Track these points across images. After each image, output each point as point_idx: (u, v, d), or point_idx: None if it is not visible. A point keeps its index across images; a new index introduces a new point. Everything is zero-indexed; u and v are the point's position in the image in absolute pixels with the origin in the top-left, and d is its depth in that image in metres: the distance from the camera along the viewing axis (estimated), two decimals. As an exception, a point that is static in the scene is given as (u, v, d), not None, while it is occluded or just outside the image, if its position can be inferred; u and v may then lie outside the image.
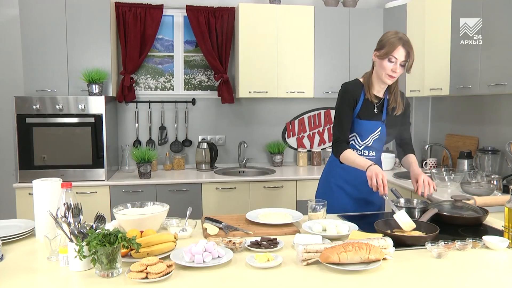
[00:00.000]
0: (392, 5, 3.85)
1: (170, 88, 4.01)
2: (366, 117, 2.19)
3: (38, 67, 3.38)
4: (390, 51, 2.05)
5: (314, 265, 1.48)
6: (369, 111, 2.20)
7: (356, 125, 2.20)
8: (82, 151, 3.32)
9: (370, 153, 2.25)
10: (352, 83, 2.25)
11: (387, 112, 2.23)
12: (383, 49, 2.08)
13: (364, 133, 2.21)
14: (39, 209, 1.74)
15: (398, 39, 2.06)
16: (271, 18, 3.70)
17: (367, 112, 2.19)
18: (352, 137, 2.23)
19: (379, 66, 2.11)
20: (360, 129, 2.21)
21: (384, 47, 2.08)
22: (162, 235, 1.60)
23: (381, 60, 2.09)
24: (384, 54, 2.07)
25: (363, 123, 2.19)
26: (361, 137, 2.22)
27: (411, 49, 2.06)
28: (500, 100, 3.13)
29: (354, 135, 2.22)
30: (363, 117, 2.19)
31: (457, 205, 2.05)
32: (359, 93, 2.19)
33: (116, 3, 3.67)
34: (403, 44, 2.05)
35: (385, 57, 2.06)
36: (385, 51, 2.06)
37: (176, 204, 2.66)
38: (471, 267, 1.50)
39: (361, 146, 2.23)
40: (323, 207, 2.00)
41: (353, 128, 2.21)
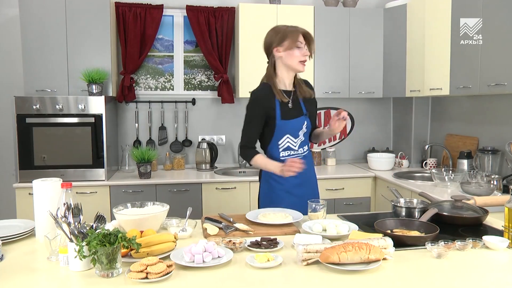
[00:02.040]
0: (392, 5, 3.85)
1: (170, 88, 4.01)
2: (290, 117, 2.18)
3: (38, 67, 3.38)
4: (295, 38, 2.10)
5: (314, 265, 1.48)
6: (288, 109, 2.19)
7: (284, 126, 2.18)
8: (82, 151, 3.32)
9: (305, 148, 2.27)
10: (263, 89, 2.21)
11: (304, 103, 2.25)
12: (285, 41, 2.11)
13: (294, 131, 2.20)
14: (39, 209, 1.74)
15: (294, 27, 2.14)
16: (271, 18, 3.69)
17: (288, 112, 2.18)
18: (285, 140, 2.20)
19: (289, 57, 2.12)
20: (290, 129, 2.19)
21: (286, 38, 2.11)
22: (162, 235, 1.60)
23: (289, 51, 2.11)
24: (291, 44, 2.10)
25: (290, 123, 2.18)
26: (294, 136, 2.21)
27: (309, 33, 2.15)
28: (500, 100, 3.13)
29: (287, 136, 2.20)
30: (287, 117, 2.17)
31: (457, 205, 2.05)
32: (272, 96, 2.17)
33: (116, 3, 3.67)
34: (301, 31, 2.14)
35: (293, 46, 2.10)
36: (290, 41, 2.10)
37: (176, 204, 2.67)
38: (471, 267, 1.50)
39: (296, 144, 2.23)
40: (323, 207, 2.01)
41: (283, 129, 2.18)
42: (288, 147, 2.21)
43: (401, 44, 3.73)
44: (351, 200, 3.64)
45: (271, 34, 2.17)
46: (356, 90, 3.91)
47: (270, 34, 2.18)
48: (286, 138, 2.20)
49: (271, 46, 2.16)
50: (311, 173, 2.34)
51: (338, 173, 3.73)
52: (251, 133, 2.21)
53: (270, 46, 2.17)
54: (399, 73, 3.78)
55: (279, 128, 2.17)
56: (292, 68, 2.17)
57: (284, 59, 2.14)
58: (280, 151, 2.22)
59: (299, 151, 2.25)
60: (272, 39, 2.15)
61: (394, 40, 3.82)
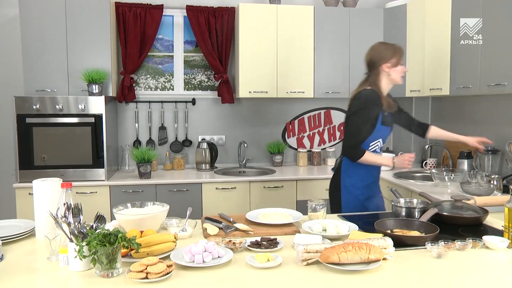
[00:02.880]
0: (392, 5, 3.85)
1: (170, 88, 4.01)
2: (387, 124, 2.42)
3: (38, 67, 3.38)
4: (401, 56, 2.41)
5: (314, 265, 1.48)
6: (386, 117, 2.42)
7: (381, 131, 2.40)
8: (82, 151, 3.32)
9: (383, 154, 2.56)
10: (373, 94, 2.38)
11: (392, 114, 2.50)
12: (394, 59, 2.38)
13: (384, 137, 2.47)
14: (39, 209, 1.74)
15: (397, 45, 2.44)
16: (271, 18, 3.70)
17: (386, 119, 2.41)
18: (376, 143, 2.42)
19: (395, 72, 2.39)
20: (383, 135, 2.45)
21: (394, 56, 2.38)
22: (162, 235, 1.60)
23: (395, 67, 2.38)
24: (397, 62, 2.39)
25: (385, 129, 2.43)
26: (383, 141, 2.47)
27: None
28: (500, 100, 3.13)
29: (379, 141, 2.43)
30: (386, 124, 2.41)
31: (457, 205, 2.05)
32: (379, 102, 2.37)
33: (116, 3, 3.67)
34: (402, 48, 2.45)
35: (398, 64, 2.39)
36: (398, 59, 2.39)
37: (176, 204, 2.66)
38: (471, 267, 1.50)
39: (380, 149, 2.48)
40: (323, 207, 2.01)
41: (378, 134, 2.40)
42: (375, 150, 2.43)
43: (401, 44, 3.70)
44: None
45: (381, 50, 2.41)
46: (356, 90, 3.90)
47: (380, 49, 2.42)
48: (377, 141, 2.42)
49: (380, 61, 2.38)
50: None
51: (338, 173, 3.72)
52: (364, 133, 2.36)
53: (379, 61, 2.39)
54: (399, 73, 3.77)
55: (377, 131, 2.38)
56: (394, 82, 2.43)
57: (391, 74, 2.40)
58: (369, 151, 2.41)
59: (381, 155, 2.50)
60: (382, 55, 2.39)
61: (394, 40, 3.78)
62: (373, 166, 2.43)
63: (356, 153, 2.35)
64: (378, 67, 2.39)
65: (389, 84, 2.45)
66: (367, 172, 2.45)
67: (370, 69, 2.43)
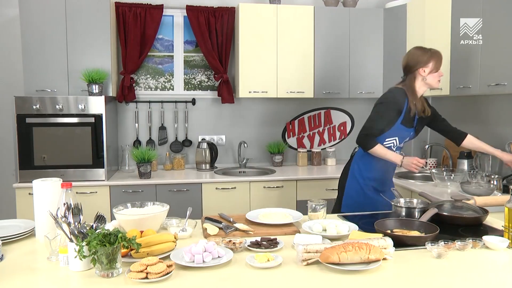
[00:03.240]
0: (392, 5, 3.85)
1: (170, 88, 4.01)
2: (407, 125, 2.46)
3: (38, 67, 3.38)
4: (439, 61, 2.43)
5: (314, 265, 1.48)
6: (409, 119, 2.46)
7: (398, 130, 2.45)
8: (82, 151, 3.32)
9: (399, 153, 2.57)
10: (401, 93, 2.44)
11: (418, 118, 2.52)
12: (431, 64, 2.41)
13: (402, 138, 2.50)
14: (39, 209, 1.74)
15: (435, 50, 2.45)
16: (271, 18, 3.70)
17: (408, 120, 2.45)
18: (392, 140, 2.48)
19: (431, 77, 2.43)
20: (400, 134, 2.48)
21: (431, 61, 2.42)
22: (162, 235, 1.60)
23: (432, 72, 2.42)
24: (435, 68, 2.42)
25: (404, 130, 2.46)
26: (399, 141, 2.51)
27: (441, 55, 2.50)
28: (500, 100, 3.13)
29: (395, 139, 2.48)
30: (406, 125, 2.45)
31: (457, 205, 2.05)
32: (404, 101, 2.42)
33: (116, 3, 3.67)
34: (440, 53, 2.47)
35: (436, 68, 2.42)
36: (436, 65, 2.42)
37: (176, 204, 2.67)
38: (471, 267, 1.50)
39: (396, 148, 2.52)
40: (323, 207, 2.01)
41: (395, 132, 2.45)
42: (389, 147, 2.48)
43: (401, 44, 3.73)
44: (351, 200, 3.64)
45: (418, 55, 2.44)
46: (356, 90, 3.91)
47: (417, 54, 2.45)
48: (393, 139, 2.47)
49: (416, 65, 2.43)
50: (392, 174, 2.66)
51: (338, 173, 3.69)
52: (379, 126, 2.42)
53: (415, 65, 2.43)
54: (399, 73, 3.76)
55: (395, 128, 2.43)
56: (431, 86, 2.48)
57: (427, 79, 2.44)
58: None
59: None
60: (419, 59, 2.43)
61: (394, 40, 3.81)
62: (385, 162, 2.47)
63: (369, 142, 2.41)
64: (414, 71, 2.44)
65: (423, 88, 2.48)
66: (377, 165, 2.50)
67: (406, 73, 2.49)
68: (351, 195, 2.55)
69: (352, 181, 2.56)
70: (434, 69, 2.42)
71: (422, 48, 2.48)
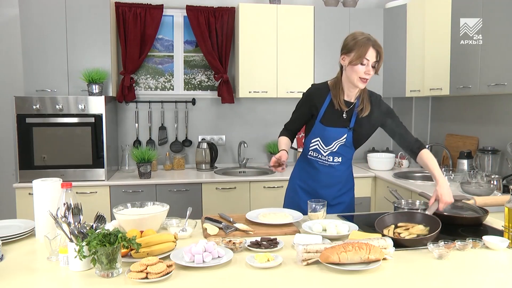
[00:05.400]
0: (392, 5, 3.85)
1: (170, 88, 4.01)
2: (330, 124, 2.13)
3: (38, 67, 3.38)
4: (363, 53, 1.97)
5: (314, 265, 1.48)
6: (334, 117, 2.13)
7: (319, 130, 2.16)
8: (82, 151, 3.32)
9: (335, 159, 2.19)
10: (320, 88, 2.19)
11: (357, 117, 2.14)
12: (352, 52, 1.99)
13: (328, 139, 2.15)
14: (39, 209, 1.74)
15: (367, 39, 1.98)
16: (271, 18, 3.70)
17: (331, 118, 2.13)
18: (316, 142, 2.18)
19: (351, 70, 2.02)
20: (324, 135, 2.15)
21: (353, 50, 1.99)
22: (162, 235, 1.60)
23: (352, 65, 2.00)
24: (356, 58, 1.98)
25: (327, 130, 2.14)
26: (325, 143, 2.16)
27: (380, 49, 2.01)
28: (500, 100, 3.13)
29: (318, 139, 2.18)
30: (327, 124, 2.13)
31: (457, 205, 2.05)
32: (324, 98, 2.14)
33: (116, 3, 3.67)
34: (373, 45, 1.99)
35: (358, 62, 1.98)
36: (357, 55, 1.97)
37: (176, 204, 2.67)
38: (471, 267, 1.50)
39: (326, 151, 2.18)
40: (323, 207, 2.01)
41: (316, 132, 2.18)
42: (316, 149, 2.20)
43: (401, 44, 3.73)
44: (351, 200, 3.64)
45: (346, 39, 2.07)
46: (356, 90, 3.91)
47: (347, 38, 2.07)
48: (317, 140, 2.18)
49: (342, 51, 2.08)
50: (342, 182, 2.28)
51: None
52: (293, 119, 2.29)
53: (341, 51, 2.08)
54: (399, 73, 3.78)
55: (316, 128, 2.18)
56: (352, 83, 2.07)
57: (347, 71, 2.06)
58: (309, 149, 2.23)
59: (327, 159, 2.20)
60: (344, 43, 2.06)
61: (394, 40, 3.81)
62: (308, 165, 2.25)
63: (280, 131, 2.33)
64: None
65: (349, 84, 2.09)
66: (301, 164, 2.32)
67: None
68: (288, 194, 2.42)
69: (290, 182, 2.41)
70: (356, 59, 1.97)
71: (355, 34, 2.04)
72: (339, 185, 2.27)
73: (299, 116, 2.26)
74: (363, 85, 2.06)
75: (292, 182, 2.39)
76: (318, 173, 2.22)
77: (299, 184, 2.32)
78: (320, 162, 2.21)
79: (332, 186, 2.24)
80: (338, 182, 2.26)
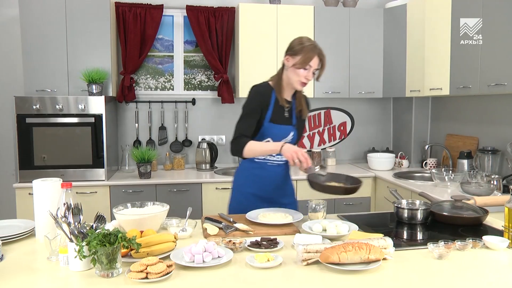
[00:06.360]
0: (392, 5, 3.85)
1: (170, 88, 4.01)
2: (279, 122, 2.16)
3: (38, 67, 3.38)
4: (307, 60, 2.05)
5: (314, 265, 1.48)
6: (280, 115, 2.17)
7: (269, 129, 2.15)
8: (82, 151, 3.32)
9: (283, 157, 2.17)
10: (264, 86, 2.19)
11: (296, 116, 2.23)
12: (298, 56, 2.07)
13: (277, 137, 2.16)
14: (39, 209, 1.74)
15: (313, 47, 2.07)
16: (271, 18, 3.70)
17: (278, 116, 2.16)
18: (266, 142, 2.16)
19: (293, 72, 2.10)
20: (274, 134, 2.16)
21: (299, 54, 2.06)
22: (162, 235, 1.60)
23: (296, 68, 2.08)
24: (300, 63, 2.05)
25: (276, 128, 2.16)
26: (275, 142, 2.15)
27: (324, 58, 2.11)
28: (500, 100, 3.13)
29: (268, 140, 2.16)
30: (276, 122, 2.15)
31: (457, 205, 2.05)
32: (270, 97, 2.16)
33: (116, 3, 3.67)
34: (318, 54, 2.08)
35: (301, 67, 2.06)
36: (302, 60, 2.05)
37: (176, 204, 2.67)
38: (471, 267, 1.50)
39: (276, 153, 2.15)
40: (323, 207, 2.01)
41: (266, 132, 2.15)
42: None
43: (401, 44, 3.73)
44: (351, 200, 3.64)
45: (293, 42, 2.13)
46: (356, 90, 3.91)
47: (294, 41, 2.13)
48: (267, 141, 2.16)
49: (287, 50, 2.14)
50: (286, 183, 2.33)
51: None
52: (247, 124, 2.14)
53: (287, 50, 2.14)
54: (399, 73, 3.78)
55: (264, 129, 2.15)
56: (291, 84, 2.14)
57: (289, 72, 2.12)
58: None
59: (276, 158, 2.21)
60: (291, 45, 2.12)
61: (394, 40, 3.82)
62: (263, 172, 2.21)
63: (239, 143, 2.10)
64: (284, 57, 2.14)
65: (289, 84, 2.16)
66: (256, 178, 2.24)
67: None
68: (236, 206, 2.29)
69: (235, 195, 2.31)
70: (300, 64, 2.05)
71: (303, 38, 2.12)
72: (288, 183, 2.34)
73: (254, 119, 2.14)
74: (301, 88, 2.16)
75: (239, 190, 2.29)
76: (269, 174, 2.23)
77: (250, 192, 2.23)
78: (269, 163, 2.22)
79: (283, 186, 2.29)
80: (286, 180, 2.32)
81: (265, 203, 2.21)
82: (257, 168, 2.23)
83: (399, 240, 1.76)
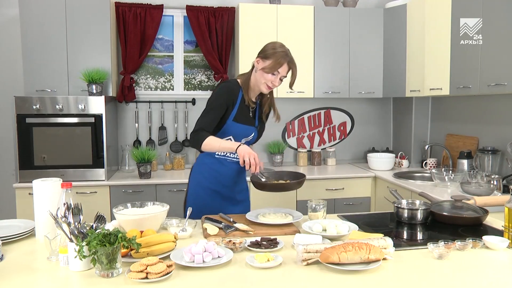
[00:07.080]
0: (392, 5, 3.85)
1: (170, 88, 4.01)
2: (242, 121, 2.19)
3: (38, 67, 3.38)
4: (276, 66, 2.08)
5: (314, 265, 1.48)
6: (244, 115, 2.20)
7: (232, 127, 2.17)
8: (82, 151, 3.32)
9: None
10: (234, 84, 2.21)
11: (260, 117, 2.30)
12: (268, 61, 2.10)
13: (238, 136, 2.19)
14: (39, 209, 1.74)
15: (285, 55, 2.10)
16: (271, 18, 3.70)
17: (242, 116, 2.19)
18: (227, 140, 2.17)
19: (261, 75, 2.13)
20: (236, 132, 2.19)
21: (270, 59, 2.09)
22: (162, 235, 1.60)
23: (264, 71, 2.11)
24: (269, 67, 2.09)
25: (239, 127, 2.18)
26: (236, 140, 2.17)
27: (294, 67, 2.13)
28: (500, 100, 3.13)
29: (230, 138, 2.18)
30: (239, 121, 2.18)
31: (457, 205, 2.05)
32: (237, 95, 2.18)
33: (116, 3, 3.67)
34: (288, 62, 2.11)
35: (270, 71, 2.09)
36: (271, 65, 2.08)
37: (176, 204, 2.66)
38: (471, 267, 1.50)
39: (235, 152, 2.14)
40: (323, 207, 2.01)
41: (228, 130, 2.17)
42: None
43: (401, 44, 3.73)
44: (351, 200, 3.64)
45: (266, 46, 2.16)
46: (356, 90, 3.91)
47: (267, 45, 2.16)
48: (228, 138, 2.18)
49: (259, 53, 2.16)
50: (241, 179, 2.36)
51: (338, 173, 3.73)
52: (210, 119, 2.12)
53: (259, 53, 2.16)
54: (399, 73, 3.78)
55: (226, 127, 2.17)
56: (258, 86, 2.17)
57: (257, 74, 2.15)
58: None
59: (236, 156, 2.19)
60: (264, 49, 2.15)
61: (394, 40, 3.82)
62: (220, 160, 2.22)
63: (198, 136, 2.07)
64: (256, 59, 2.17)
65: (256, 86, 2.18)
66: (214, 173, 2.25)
67: None
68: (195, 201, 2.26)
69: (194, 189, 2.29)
70: (268, 69, 2.08)
71: (276, 44, 2.14)
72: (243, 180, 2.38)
73: (218, 115, 2.13)
74: (266, 92, 2.20)
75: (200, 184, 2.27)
76: (228, 170, 2.25)
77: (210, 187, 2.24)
78: (229, 159, 2.23)
79: (239, 182, 2.34)
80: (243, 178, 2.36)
81: (223, 199, 2.27)
82: (216, 164, 2.24)
83: (399, 240, 1.76)
